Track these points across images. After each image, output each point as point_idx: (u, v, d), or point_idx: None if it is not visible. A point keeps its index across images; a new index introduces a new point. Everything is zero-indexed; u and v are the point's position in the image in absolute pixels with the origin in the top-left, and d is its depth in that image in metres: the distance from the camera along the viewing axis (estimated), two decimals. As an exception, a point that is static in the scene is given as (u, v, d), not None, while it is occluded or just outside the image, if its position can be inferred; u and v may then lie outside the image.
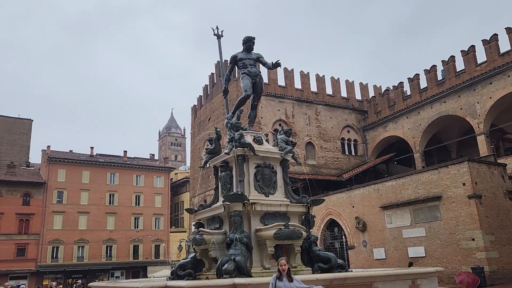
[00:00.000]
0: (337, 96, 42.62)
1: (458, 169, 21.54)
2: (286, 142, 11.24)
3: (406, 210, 23.95)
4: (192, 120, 49.12)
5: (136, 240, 61.33)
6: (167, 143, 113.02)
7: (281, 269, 6.32)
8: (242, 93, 11.68)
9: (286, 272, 6.32)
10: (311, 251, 10.14)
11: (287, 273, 6.33)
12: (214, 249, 9.63)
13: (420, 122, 37.62)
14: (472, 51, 33.78)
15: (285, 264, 6.37)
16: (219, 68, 44.52)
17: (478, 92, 32.84)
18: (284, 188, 10.88)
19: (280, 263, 6.41)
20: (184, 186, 68.59)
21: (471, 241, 20.66)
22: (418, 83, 38.38)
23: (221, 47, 12.91)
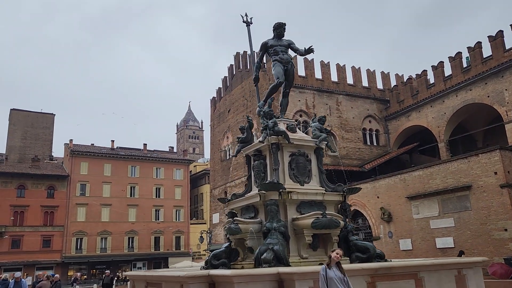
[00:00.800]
0: (358, 85, 41.95)
1: (489, 158, 20.94)
2: (320, 129, 11.01)
3: (434, 200, 23.44)
4: (212, 112, 49.09)
5: (157, 232, 62.11)
6: (185, 135, 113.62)
7: (336, 258, 6.14)
8: (274, 80, 11.43)
9: (337, 262, 6.14)
10: (348, 241, 9.93)
11: (337, 263, 6.15)
12: (251, 239, 9.52)
13: (444, 111, 36.74)
14: (500, 36, 32.69)
15: (340, 254, 6.20)
16: (239, 59, 44.32)
17: (506, 79, 31.82)
18: (319, 176, 10.67)
19: (336, 251, 6.23)
20: (203, 178, 68.96)
21: (503, 231, 20.11)
22: (443, 71, 37.41)
23: (251, 34, 12.66)
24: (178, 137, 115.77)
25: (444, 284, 7.98)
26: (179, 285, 7.46)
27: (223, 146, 45.55)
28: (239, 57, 44.05)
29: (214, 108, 48.27)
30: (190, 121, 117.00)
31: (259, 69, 12.29)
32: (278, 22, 11.85)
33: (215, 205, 45.98)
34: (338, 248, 6.46)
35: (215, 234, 45.19)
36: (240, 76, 43.23)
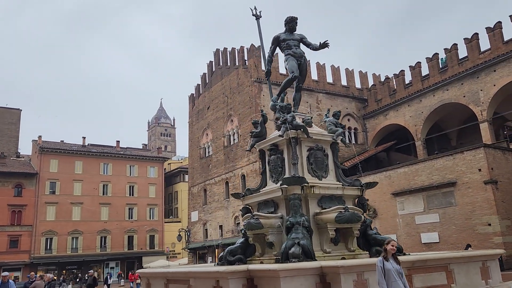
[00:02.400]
0: (337, 84, 42.52)
1: (474, 155, 21.67)
2: (335, 124, 10.99)
3: (419, 196, 24.06)
4: (190, 109, 48.45)
5: (130, 231, 60.75)
6: (157, 133, 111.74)
7: (391, 250, 6.09)
8: (289, 74, 11.31)
9: (393, 254, 6.10)
10: (367, 235, 9.97)
11: (393, 255, 6.11)
12: (272, 234, 9.38)
13: (422, 110, 37.79)
14: (476, 39, 33.93)
15: (395, 245, 6.16)
16: (219, 56, 43.92)
17: (481, 80, 33.06)
18: (335, 171, 10.65)
19: (392, 243, 6.19)
20: (178, 176, 68.03)
21: (487, 226, 20.88)
22: (420, 71, 38.46)
23: (260, 27, 12.48)
24: (150, 135, 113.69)
25: (471, 276, 8.15)
26: (214, 281, 7.23)
27: (202, 143, 45.04)
28: (219, 54, 43.67)
29: (193, 105, 47.66)
30: (162, 118, 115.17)
31: (271, 63, 12.12)
32: (291, 16, 11.73)
33: (194, 203, 45.45)
34: (392, 240, 6.41)
35: (193, 232, 44.66)
36: (220, 73, 42.86)
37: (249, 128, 36.95)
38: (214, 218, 41.14)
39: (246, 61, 39.21)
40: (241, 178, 37.63)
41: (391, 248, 6.13)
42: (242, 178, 37.50)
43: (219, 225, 40.21)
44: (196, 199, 44.95)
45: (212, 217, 41.56)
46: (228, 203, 39.21)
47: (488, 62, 32.50)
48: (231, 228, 38.32)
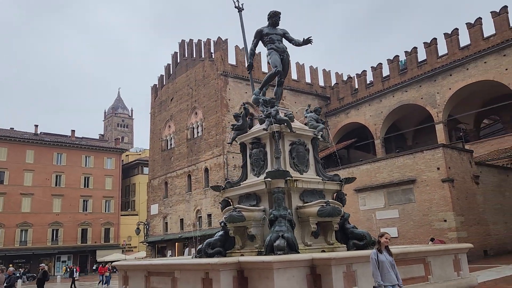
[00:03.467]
0: (301, 81, 43.12)
1: (433, 154, 22.75)
2: (316, 120, 11.16)
3: (380, 192, 24.95)
4: (152, 100, 47.41)
5: (84, 224, 58.76)
6: (113, 123, 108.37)
7: (385, 242, 6.31)
8: (272, 68, 11.34)
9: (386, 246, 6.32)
10: (345, 229, 10.24)
11: (386, 247, 6.33)
12: (254, 226, 9.42)
13: (381, 110, 39.14)
14: (434, 44, 35.55)
15: (388, 238, 6.38)
16: (184, 47, 43.24)
17: (438, 83, 34.70)
18: (315, 166, 10.84)
19: (385, 236, 6.40)
20: (136, 168, 66.52)
21: (443, 222, 22.02)
22: (381, 72, 39.79)
23: (243, 20, 12.41)
24: (106, 125, 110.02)
25: (445, 268, 8.60)
26: (203, 273, 7.18)
27: (164, 135, 44.26)
28: (184, 45, 43.00)
29: (155, 95, 46.67)
30: (119, 108, 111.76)
31: (253, 56, 12.06)
32: (274, 10, 11.75)
33: (154, 196, 44.64)
34: (386, 233, 6.63)
35: (152, 225, 43.89)
36: (185, 64, 42.22)
37: (214, 121, 36.79)
38: (175, 212, 40.63)
39: (213, 54, 38.87)
40: (204, 171, 37.37)
41: (385, 240, 6.35)
42: (205, 171, 37.25)
43: (180, 218, 39.77)
44: (157, 192, 44.17)
45: (173, 210, 41.03)
46: (190, 197, 38.85)
47: (445, 66, 34.14)
48: (193, 222, 38.02)
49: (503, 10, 31.13)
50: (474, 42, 32.47)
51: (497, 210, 25.40)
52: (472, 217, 22.91)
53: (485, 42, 31.78)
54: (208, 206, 36.20)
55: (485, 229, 23.96)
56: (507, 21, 30.88)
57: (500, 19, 31.06)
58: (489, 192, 25.25)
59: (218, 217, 34.94)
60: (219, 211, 36.36)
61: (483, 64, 31.66)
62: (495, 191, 25.85)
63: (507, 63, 30.33)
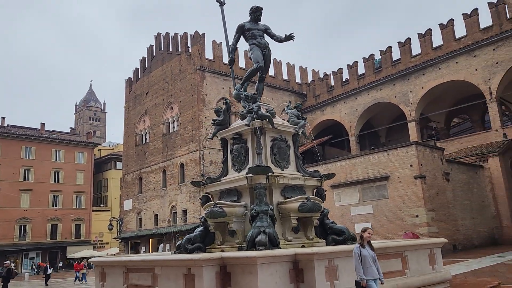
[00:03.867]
0: (278, 77, 43.27)
1: (407, 152, 23.30)
2: (297, 116, 11.24)
3: (355, 189, 25.39)
4: (127, 93, 46.55)
5: (54, 219, 57.30)
6: (85, 117, 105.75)
7: (367, 237, 6.42)
8: (254, 63, 11.31)
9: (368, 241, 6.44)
10: (324, 224, 10.36)
11: (368, 242, 6.45)
12: (235, 222, 9.41)
13: (356, 107, 39.77)
14: (408, 43, 36.34)
15: (371, 233, 6.49)
16: (160, 40, 42.59)
17: (411, 82, 35.53)
18: (296, 162, 10.91)
19: (368, 231, 6.51)
20: (108, 163, 65.25)
21: (415, 217, 22.63)
22: (357, 70, 40.39)
23: (224, 14, 12.31)
24: (77, 118, 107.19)
25: (421, 262, 8.85)
26: (185, 269, 7.14)
27: (138, 130, 43.57)
28: (160, 38, 42.37)
29: (130, 89, 45.84)
30: (91, 101, 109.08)
31: (234, 51, 11.99)
32: (256, 6, 11.70)
33: (128, 191, 43.94)
34: (369, 228, 6.75)
35: (126, 221, 43.23)
36: (161, 58, 41.63)
37: (190, 116, 36.49)
38: (149, 207, 40.14)
39: (190, 48, 38.47)
40: (180, 167, 37.03)
41: (367, 235, 6.48)
42: (181, 167, 36.93)
43: (154, 214, 39.32)
44: (130, 187, 43.49)
45: (147, 206, 40.52)
46: (165, 192, 38.45)
47: (418, 66, 34.98)
48: (167, 218, 37.65)
49: (474, 13, 32.10)
50: (446, 43, 33.37)
51: (465, 206, 26.28)
52: (442, 212, 23.63)
53: (457, 43, 32.72)
54: (184, 202, 35.93)
55: (454, 224, 24.77)
56: (477, 23, 31.87)
57: (471, 21, 32.03)
58: (458, 189, 26.09)
59: (193, 213, 34.76)
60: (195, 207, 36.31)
61: (455, 64, 32.61)
62: (464, 187, 26.73)
63: (477, 64, 31.34)
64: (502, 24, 30.45)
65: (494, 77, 30.44)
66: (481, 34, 31.42)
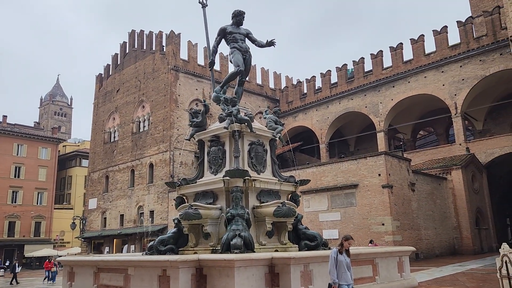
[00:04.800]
0: (252, 82, 43.39)
1: (375, 161, 23.86)
2: (275, 122, 11.36)
3: (324, 195, 25.75)
4: (96, 89, 45.46)
5: (12, 216, 54.96)
6: (50, 111, 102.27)
7: (348, 246, 6.58)
8: (234, 67, 11.35)
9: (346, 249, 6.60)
10: (298, 229, 10.50)
11: (346, 250, 6.60)
12: (210, 224, 9.39)
13: (328, 115, 40.43)
14: (380, 56, 37.32)
15: (351, 244, 6.65)
16: (134, 37, 41.92)
17: (382, 93, 36.48)
18: (272, 167, 11.03)
19: (350, 241, 6.65)
20: (73, 160, 63.36)
21: (381, 225, 23.17)
22: (330, 79, 41.09)
23: (206, 16, 12.29)
24: (42, 112, 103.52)
25: (390, 269, 9.12)
26: (160, 271, 7.07)
27: (107, 127, 42.60)
28: (134, 36, 41.70)
29: (100, 85, 44.79)
30: (57, 96, 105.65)
31: (215, 53, 11.99)
32: (238, 10, 11.78)
33: (93, 190, 42.82)
34: (351, 239, 6.86)
35: (90, 220, 42.08)
36: (134, 56, 40.94)
37: (162, 116, 36.03)
38: (115, 207, 39.25)
39: (164, 47, 38.05)
40: (149, 166, 36.45)
41: (347, 245, 6.63)
42: (150, 167, 36.35)
43: (120, 214, 38.47)
44: (96, 186, 42.40)
45: (113, 205, 39.61)
46: (132, 192, 37.73)
47: (389, 78, 35.97)
48: (133, 218, 36.94)
49: (444, 30, 33.38)
50: (416, 57, 34.51)
51: (428, 216, 27.15)
52: (406, 222, 24.33)
53: (426, 58, 33.89)
54: (151, 203, 35.36)
55: (417, 233, 25.53)
56: (446, 40, 33.14)
57: (441, 38, 33.28)
58: (422, 199, 26.93)
59: (161, 214, 34.27)
60: (163, 208, 35.78)
61: (423, 79, 33.75)
62: (428, 198, 27.62)
63: (444, 79, 32.57)
64: (469, 43, 31.81)
65: (460, 93, 31.72)
66: (449, 51, 32.69)
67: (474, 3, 38.65)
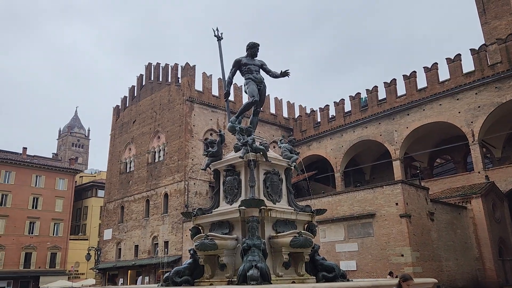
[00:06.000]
0: (266, 112, 43.74)
1: (392, 190, 23.50)
2: (290, 151, 11.33)
3: (340, 225, 25.31)
4: (114, 121, 46.33)
5: (29, 247, 55.37)
6: (68, 143, 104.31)
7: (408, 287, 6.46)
8: (249, 98, 11.48)
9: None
10: (315, 260, 10.26)
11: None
12: (227, 255, 9.27)
13: (342, 144, 40.27)
14: (394, 84, 37.41)
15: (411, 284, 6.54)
16: (150, 70, 42.95)
17: (396, 121, 36.32)
18: (288, 196, 10.91)
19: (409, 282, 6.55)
20: (90, 191, 64.02)
21: (400, 256, 22.56)
22: (343, 108, 41.18)
23: (221, 49, 12.58)
24: (60, 144, 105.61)
25: (413, 302, 8.77)
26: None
27: (123, 158, 43.11)
28: (151, 68, 42.75)
29: (117, 117, 45.67)
30: (75, 127, 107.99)
31: (230, 84, 12.16)
32: (253, 42, 11.99)
33: (108, 220, 42.93)
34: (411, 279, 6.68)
35: (104, 251, 41.98)
36: (150, 88, 41.85)
37: (177, 146, 36.37)
38: (130, 238, 39.18)
39: (180, 79, 38.84)
40: (164, 197, 36.53)
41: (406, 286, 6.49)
42: (165, 197, 36.43)
43: (134, 245, 38.34)
44: (111, 216, 42.53)
45: (128, 236, 39.55)
46: (147, 222, 37.70)
47: (403, 106, 35.88)
48: (148, 249, 36.74)
49: (457, 58, 33.41)
50: (431, 85, 34.47)
51: (449, 247, 26.36)
52: (426, 252, 23.64)
53: (441, 85, 33.82)
54: (166, 233, 35.22)
55: (438, 265, 24.74)
56: (460, 68, 33.12)
57: (454, 66, 33.28)
58: (442, 229, 26.23)
59: (175, 244, 34.04)
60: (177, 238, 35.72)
61: (438, 106, 33.56)
62: (448, 228, 26.90)
63: (460, 107, 32.33)
64: (484, 70, 31.71)
65: (476, 120, 31.38)
66: (463, 79, 32.60)
67: (487, 31, 38.79)
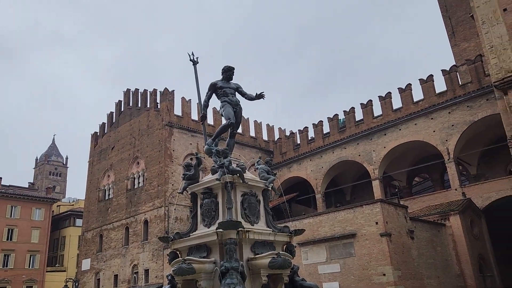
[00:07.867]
0: (246, 135, 43.96)
1: (372, 209, 23.69)
2: (267, 172, 11.38)
3: (322, 246, 25.26)
4: (92, 148, 45.72)
5: (3, 281, 53.14)
6: (45, 171, 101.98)
7: None
8: (225, 120, 11.58)
9: None
10: (294, 281, 10.21)
11: None
12: (205, 279, 9.15)
13: (322, 165, 40.60)
14: (370, 105, 38.22)
15: None
16: (129, 96, 42.87)
17: (374, 142, 36.93)
18: (266, 217, 10.90)
19: None
20: (67, 220, 62.40)
21: (382, 276, 22.56)
22: (322, 129, 41.72)
23: (197, 73, 12.72)
24: (37, 173, 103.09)
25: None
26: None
27: (102, 185, 42.38)
28: (129, 94, 42.65)
29: (95, 144, 45.11)
30: (53, 155, 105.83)
31: (207, 107, 12.25)
32: (228, 65, 12.17)
33: (86, 250, 41.78)
34: None
35: (83, 282, 40.66)
36: (129, 113, 41.65)
37: (157, 172, 36.02)
38: (109, 267, 38.12)
39: (159, 104, 38.82)
40: (143, 223, 35.88)
41: None
42: (145, 223, 35.79)
43: (114, 274, 37.30)
44: (90, 246, 41.42)
45: (107, 265, 38.48)
46: (127, 250, 36.82)
47: (380, 126, 36.60)
48: (127, 278, 35.77)
49: (430, 78, 34.48)
50: (405, 106, 35.34)
51: (430, 265, 26.51)
52: (408, 271, 23.70)
53: (415, 105, 34.72)
54: (146, 261, 34.43)
55: (420, 283, 24.78)
56: (433, 88, 34.14)
57: (427, 86, 34.30)
58: (422, 247, 26.42)
59: (156, 272, 33.26)
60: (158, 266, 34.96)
61: (414, 126, 34.36)
62: (428, 246, 27.10)
63: (434, 126, 33.17)
64: (455, 90, 32.75)
65: (451, 138, 32.18)
66: (437, 98, 33.56)
67: (457, 52, 40.27)
